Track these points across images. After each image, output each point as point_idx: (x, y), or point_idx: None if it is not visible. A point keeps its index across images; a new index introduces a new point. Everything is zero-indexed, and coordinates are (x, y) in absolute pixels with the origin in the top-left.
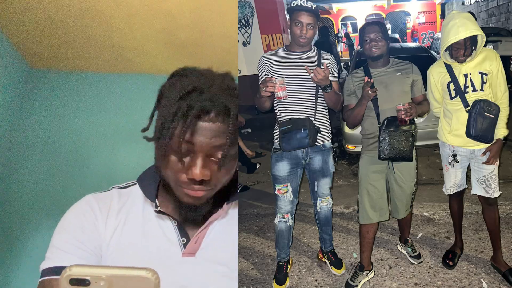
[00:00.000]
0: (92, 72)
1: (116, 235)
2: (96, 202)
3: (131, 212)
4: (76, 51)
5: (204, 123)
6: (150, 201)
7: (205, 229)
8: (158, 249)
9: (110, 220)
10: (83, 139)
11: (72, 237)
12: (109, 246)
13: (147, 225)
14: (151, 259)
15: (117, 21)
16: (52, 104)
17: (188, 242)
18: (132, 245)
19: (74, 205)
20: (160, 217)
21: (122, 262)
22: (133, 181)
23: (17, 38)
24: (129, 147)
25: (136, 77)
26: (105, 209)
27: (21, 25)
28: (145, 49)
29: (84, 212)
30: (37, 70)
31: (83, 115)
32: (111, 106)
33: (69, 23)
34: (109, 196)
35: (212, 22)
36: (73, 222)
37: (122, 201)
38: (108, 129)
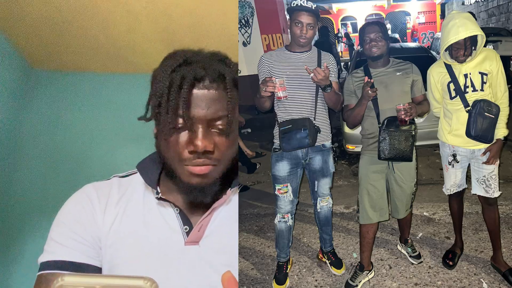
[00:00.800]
0: (92, 72)
1: (116, 225)
2: (95, 192)
3: (131, 201)
4: (76, 51)
5: (199, 90)
6: (151, 188)
7: (208, 216)
8: (160, 238)
9: (109, 210)
10: (83, 139)
11: (70, 231)
12: (108, 236)
13: (148, 214)
14: (153, 249)
15: (117, 21)
16: (52, 104)
17: (191, 230)
18: (132, 234)
19: (73, 195)
20: (161, 204)
21: (122, 253)
22: (135, 170)
23: (17, 38)
24: (129, 147)
25: (136, 77)
26: (104, 199)
27: (21, 25)
28: (145, 49)
29: (82, 203)
30: (37, 70)
31: (83, 115)
32: (111, 106)
33: (69, 23)
34: (108, 185)
35: (212, 22)
36: (71, 214)
37: (122, 190)
38: (108, 129)
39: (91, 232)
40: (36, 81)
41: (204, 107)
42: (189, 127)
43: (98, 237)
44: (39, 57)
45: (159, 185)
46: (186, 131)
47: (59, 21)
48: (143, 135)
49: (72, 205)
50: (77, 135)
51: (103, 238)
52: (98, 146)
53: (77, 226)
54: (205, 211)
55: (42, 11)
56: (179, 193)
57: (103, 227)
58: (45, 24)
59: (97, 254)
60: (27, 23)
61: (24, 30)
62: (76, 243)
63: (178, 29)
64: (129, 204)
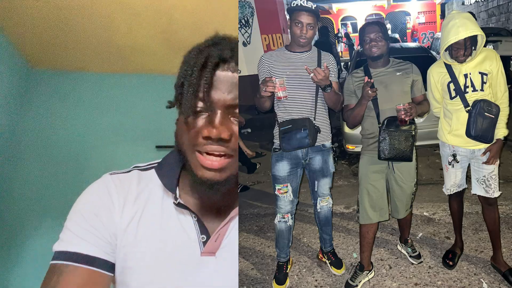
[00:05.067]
0: (92, 72)
1: (133, 225)
2: (114, 185)
3: (149, 201)
4: (76, 51)
5: (223, 72)
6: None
7: (225, 226)
8: (176, 246)
9: (127, 207)
10: (83, 139)
11: (87, 223)
12: (124, 235)
13: (166, 218)
14: (168, 257)
15: (117, 21)
16: (52, 104)
17: (208, 239)
18: (149, 238)
19: (92, 185)
20: (179, 210)
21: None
22: (156, 161)
23: (17, 38)
24: (129, 147)
25: (136, 77)
26: (123, 194)
27: (21, 25)
28: (145, 49)
29: (101, 196)
30: (37, 70)
31: (83, 115)
32: (111, 106)
33: (69, 24)
34: (128, 179)
35: (212, 22)
36: (90, 206)
37: (141, 186)
38: (108, 129)
39: (108, 228)
40: (36, 81)
41: (225, 90)
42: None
43: (114, 234)
44: (39, 57)
45: (178, 185)
46: (204, 115)
47: (59, 21)
48: (143, 135)
49: (91, 196)
50: (77, 135)
51: (119, 236)
52: (98, 146)
53: (95, 220)
54: (221, 218)
55: (42, 11)
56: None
57: (120, 225)
58: (45, 24)
59: (112, 250)
60: (27, 23)
61: (24, 30)
62: (93, 236)
63: (178, 29)
64: (147, 204)
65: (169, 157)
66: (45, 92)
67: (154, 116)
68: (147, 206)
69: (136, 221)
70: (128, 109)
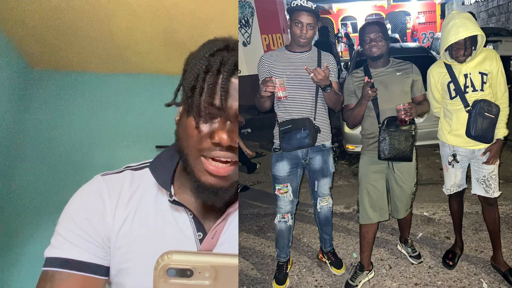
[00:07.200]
0: (92, 72)
1: (126, 226)
2: (105, 186)
3: (143, 201)
4: (76, 52)
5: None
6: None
7: (223, 221)
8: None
9: (120, 209)
10: (83, 139)
11: (79, 228)
12: (118, 238)
13: (160, 217)
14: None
15: (117, 21)
16: (52, 104)
17: (205, 237)
18: (143, 238)
19: (82, 188)
20: (174, 208)
21: (131, 257)
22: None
23: (17, 38)
24: (129, 147)
25: (136, 77)
26: (115, 197)
27: (21, 25)
28: (145, 49)
29: (92, 199)
30: (37, 70)
31: (83, 115)
32: (111, 106)
33: (69, 24)
34: (120, 179)
35: (212, 22)
36: (81, 210)
37: (133, 187)
38: (108, 129)
39: (100, 232)
40: (36, 81)
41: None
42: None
43: (107, 237)
44: (39, 57)
45: (172, 183)
46: (214, 120)
47: (59, 22)
48: (143, 135)
49: (81, 200)
50: (77, 135)
51: (112, 239)
52: (98, 145)
53: (86, 224)
54: (218, 215)
55: (42, 11)
56: (192, 192)
57: (113, 227)
58: (45, 25)
59: (106, 254)
60: (27, 24)
61: (24, 31)
62: (85, 242)
63: (179, 29)
64: (140, 205)
65: (163, 156)
66: (45, 92)
67: (154, 116)
68: (140, 206)
69: (130, 222)
70: (128, 109)
